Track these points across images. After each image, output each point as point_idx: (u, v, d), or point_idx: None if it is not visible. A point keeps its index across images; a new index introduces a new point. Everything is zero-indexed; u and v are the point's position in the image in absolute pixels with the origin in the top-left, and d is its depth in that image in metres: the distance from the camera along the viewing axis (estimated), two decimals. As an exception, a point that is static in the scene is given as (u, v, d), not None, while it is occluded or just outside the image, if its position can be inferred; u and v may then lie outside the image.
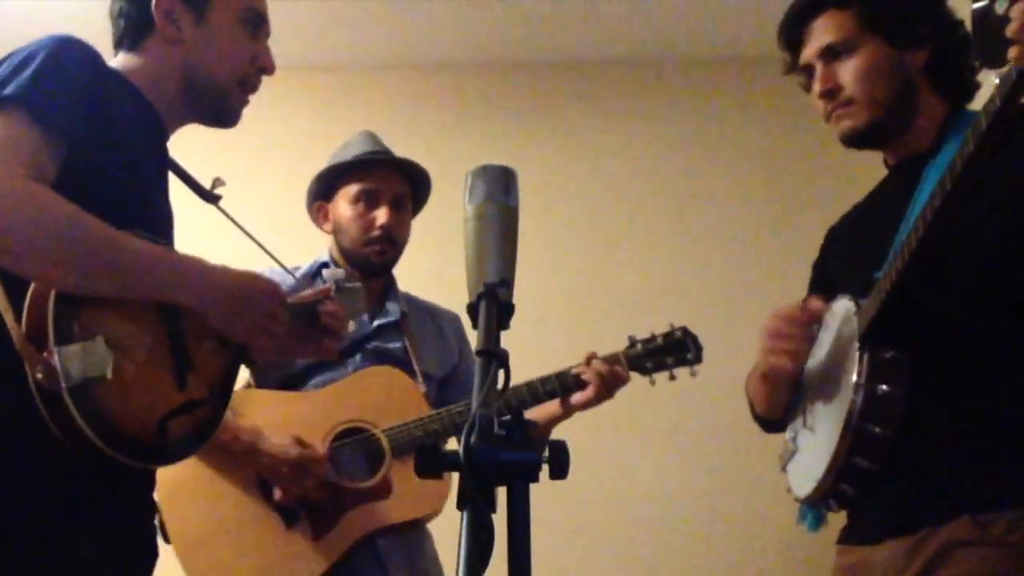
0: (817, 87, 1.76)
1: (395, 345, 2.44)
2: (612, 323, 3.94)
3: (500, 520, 1.00)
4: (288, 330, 1.67)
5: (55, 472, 1.42)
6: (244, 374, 2.43)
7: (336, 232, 2.47)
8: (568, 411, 2.32)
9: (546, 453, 1.04)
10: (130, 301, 1.47)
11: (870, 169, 1.94)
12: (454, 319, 2.59)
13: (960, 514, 1.55)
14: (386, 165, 2.48)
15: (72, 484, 1.44)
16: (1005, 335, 1.59)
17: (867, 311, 1.63)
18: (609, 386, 2.28)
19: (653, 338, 2.36)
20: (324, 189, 2.49)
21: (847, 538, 1.76)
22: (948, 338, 1.62)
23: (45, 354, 1.35)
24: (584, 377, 2.27)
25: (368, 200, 2.43)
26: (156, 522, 2.17)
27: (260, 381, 2.39)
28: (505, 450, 1.02)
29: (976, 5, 1.20)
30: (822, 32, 1.75)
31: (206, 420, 1.57)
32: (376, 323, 2.46)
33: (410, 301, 2.55)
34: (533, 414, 2.29)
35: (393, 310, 2.49)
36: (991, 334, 1.60)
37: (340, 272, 2.09)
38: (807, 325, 1.76)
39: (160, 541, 1.67)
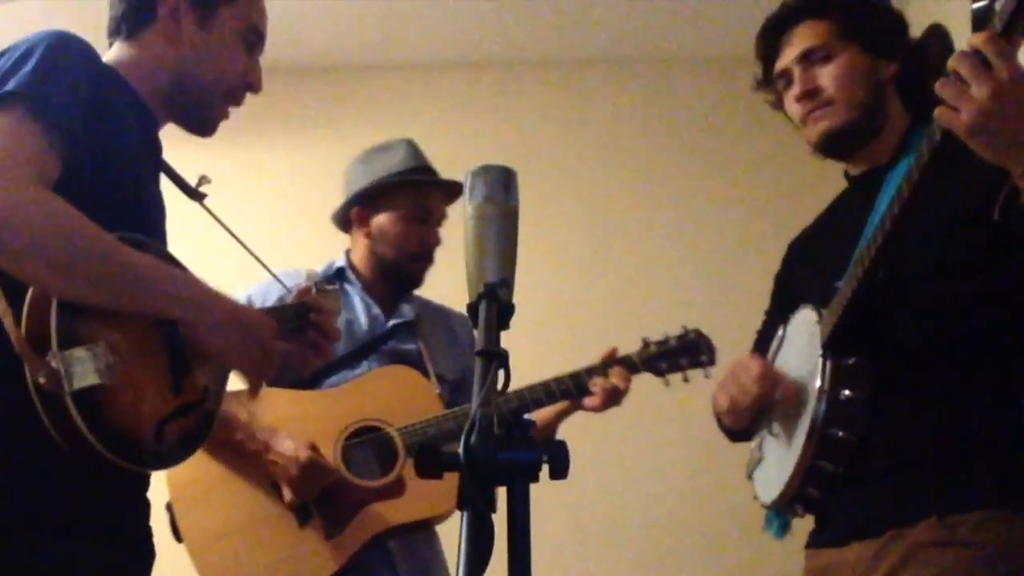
0: (796, 89, 1.81)
1: (410, 347, 2.46)
2: (611, 322, 3.96)
3: (500, 520, 1.00)
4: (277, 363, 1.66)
5: (50, 474, 1.40)
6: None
7: (376, 241, 2.48)
8: (575, 409, 2.36)
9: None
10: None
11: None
12: (466, 321, 2.58)
13: (926, 515, 1.57)
14: (440, 186, 2.51)
15: (67, 485, 1.42)
16: (965, 339, 1.63)
17: (829, 320, 1.67)
18: (618, 397, 2.32)
19: (666, 340, 2.38)
20: (371, 196, 2.49)
21: (815, 541, 1.78)
22: (909, 343, 1.65)
23: (48, 358, 1.34)
24: (592, 389, 2.30)
25: (423, 218, 2.47)
26: (168, 520, 2.15)
27: (274, 380, 2.40)
28: (505, 450, 1.02)
29: (976, 5, 1.21)
30: (801, 39, 1.81)
31: (200, 423, 1.56)
32: (392, 322, 2.47)
33: (421, 304, 2.56)
34: (544, 409, 2.35)
35: (407, 311, 2.50)
36: (951, 338, 1.63)
37: (316, 273, 2.09)
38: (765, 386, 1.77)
39: (156, 543, 1.65)
